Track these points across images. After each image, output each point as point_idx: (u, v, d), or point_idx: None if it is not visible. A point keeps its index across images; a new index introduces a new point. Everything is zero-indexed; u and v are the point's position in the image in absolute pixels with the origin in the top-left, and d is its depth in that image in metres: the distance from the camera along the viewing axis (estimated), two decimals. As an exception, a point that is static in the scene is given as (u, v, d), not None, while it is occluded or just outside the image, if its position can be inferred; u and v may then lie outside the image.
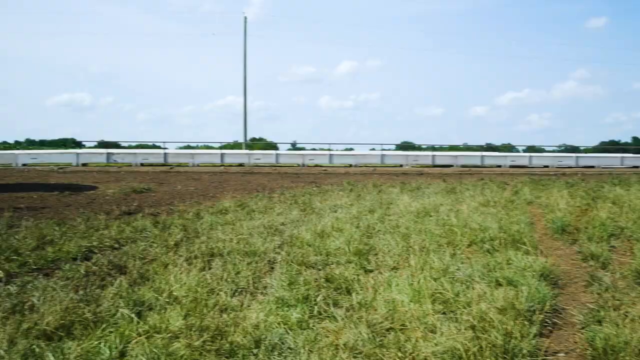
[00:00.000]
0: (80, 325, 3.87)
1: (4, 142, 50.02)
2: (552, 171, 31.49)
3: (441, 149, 43.44)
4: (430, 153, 37.33)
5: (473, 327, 3.76)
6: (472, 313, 4.02)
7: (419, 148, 43.90)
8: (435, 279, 4.94)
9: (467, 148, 45.30)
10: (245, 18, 45.25)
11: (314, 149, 41.12)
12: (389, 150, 38.80)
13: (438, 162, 35.75)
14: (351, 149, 41.55)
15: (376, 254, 6.30)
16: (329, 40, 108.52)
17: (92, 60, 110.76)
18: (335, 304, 4.45)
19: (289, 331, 3.78)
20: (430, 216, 9.31)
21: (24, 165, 31.68)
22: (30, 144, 54.47)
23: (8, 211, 10.04)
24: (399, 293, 4.59)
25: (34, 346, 3.48)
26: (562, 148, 45.50)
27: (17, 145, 50.66)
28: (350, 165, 34.76)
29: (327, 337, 3.72)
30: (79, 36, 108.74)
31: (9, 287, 4.92)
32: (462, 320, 3.93)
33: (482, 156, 36.39)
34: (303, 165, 34.45)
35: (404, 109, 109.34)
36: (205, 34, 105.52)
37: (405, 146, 45.16)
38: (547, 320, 4.20)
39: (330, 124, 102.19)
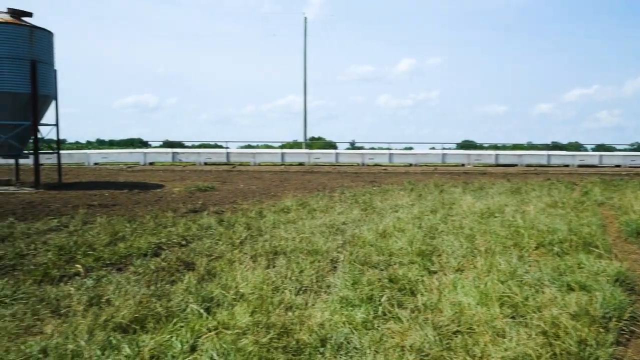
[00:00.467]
0: (153, 319, 4.03)
1: (77, 142, 52.77)
2: (624, 171, 29.92)
3: (504, 147, 42.10)
4: (493, 152, 36.25)
5: (545, 333, 3.64)
6: (544, 318, 3.89)
7: (481, 147, 42.74)
8: (502, 282, 4.81)
9: (532, 147, 43.71)
10: (305, 18, 45.45)
11: (373, 148, 40.95)
12: (450, 149, 37.87)
13: (501, 161, 34.71)
14: (411, 148, 40.95)
15: (440, 255, 6.21)
16: (388, 39, 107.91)
17: (157, 63, 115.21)
18: (400, 305, 4.41)
19: (354, 331, 3.79)
20: (495, 217, 9.07)
21: (95, 164, 33.19)
22: (100, 143, 57.26)
23: (82, 208, 10.60)
24: (465, 295, 4.50)
25: (111, 338, 3.66)
26: (635, 146, 43.20)
27: (89, 145, 53.40)
28: (410, 165, 34.33)
29: (393, 338, 3.69)
30: (144, 39, 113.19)
31: (85, 280, 5.20)
32: (533, 325, 3.81)
33: (549, 155, 34.98)
34: (362, 164, 34.32)
35: (465, 107, 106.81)
36: (265, 35, 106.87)
37: (467, 145, 44.15)
38: (624, 328, 4.01)
39: (389, 122, 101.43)
